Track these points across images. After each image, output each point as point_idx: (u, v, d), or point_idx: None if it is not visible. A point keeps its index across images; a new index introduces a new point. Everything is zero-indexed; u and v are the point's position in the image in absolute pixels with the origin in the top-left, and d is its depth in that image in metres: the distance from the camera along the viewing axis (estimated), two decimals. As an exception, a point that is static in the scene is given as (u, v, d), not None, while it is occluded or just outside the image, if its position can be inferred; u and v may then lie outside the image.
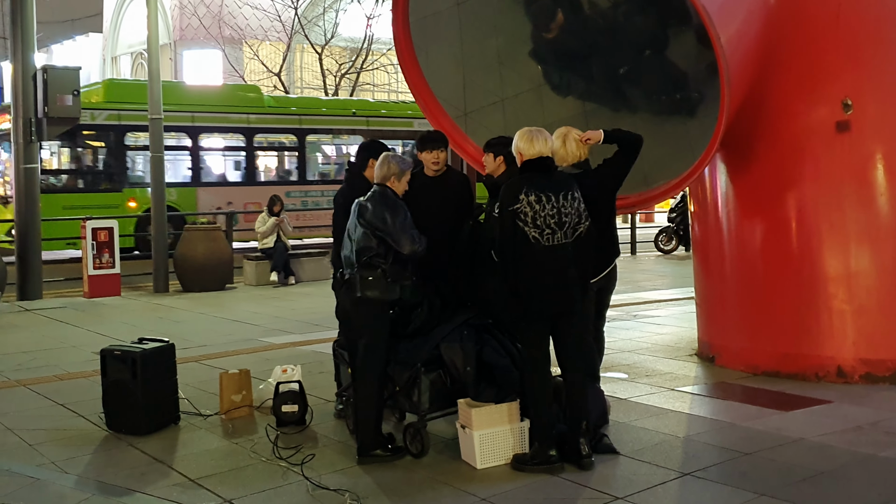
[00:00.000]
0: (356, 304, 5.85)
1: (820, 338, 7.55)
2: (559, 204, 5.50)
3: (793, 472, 5.40)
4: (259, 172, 23.81)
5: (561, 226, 5.49)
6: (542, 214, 5.46)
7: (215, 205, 21.38)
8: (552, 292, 5.51)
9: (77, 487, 5.42)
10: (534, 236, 5.46)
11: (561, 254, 5.50)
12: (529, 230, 5.46)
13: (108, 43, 39.07)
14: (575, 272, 5.58)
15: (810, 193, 7.62)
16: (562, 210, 5.50)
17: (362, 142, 6.94)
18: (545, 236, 5.46)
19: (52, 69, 13.91)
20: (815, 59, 7.57)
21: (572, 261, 5.55)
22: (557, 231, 5.49)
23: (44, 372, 8.60)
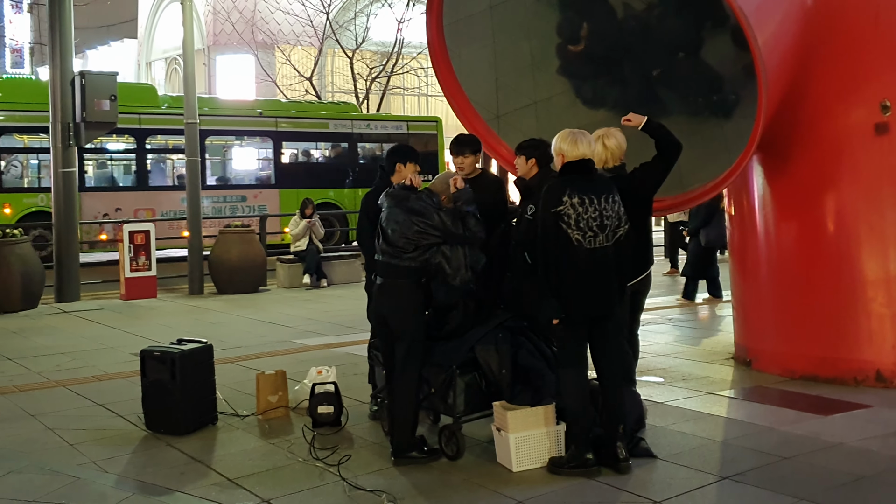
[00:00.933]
0: (394, 306, 5.87)
1: (858, 342, 7.48)
2: (601, 206, 5.48)
3: (832, 476, 5.35)
4: (152, 176, 22.50)
5: (602, 228, 5.48)
6: (585, 217, 5.44)
7: (101, 211, 20.58)
8: (593, 295, 5.50)
9: (117, 487, 5.47)
10: (577, 238, 5.44)
11: (602, 257, 5.49)
12: (573, 232, 5.44)
13: (143, 48, 39.43)
14: (615, 276, 5.56)
15: (848, 196, 7.55)
16: (603, 213, 5.49)
17: (392, 146, 6.94)
18: (587, 239, 5.45)
19: (89, 74, 14.07)
20: (854, 61, 7.50)
21: (612, 264, 5.54)
22: (599, 234, 5.47)
23: (83, 373, 8.69)
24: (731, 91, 7.86)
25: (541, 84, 8.74)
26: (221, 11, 30.95)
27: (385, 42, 23.22)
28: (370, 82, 21.95)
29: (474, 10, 8.65)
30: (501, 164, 8.86)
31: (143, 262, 14.21)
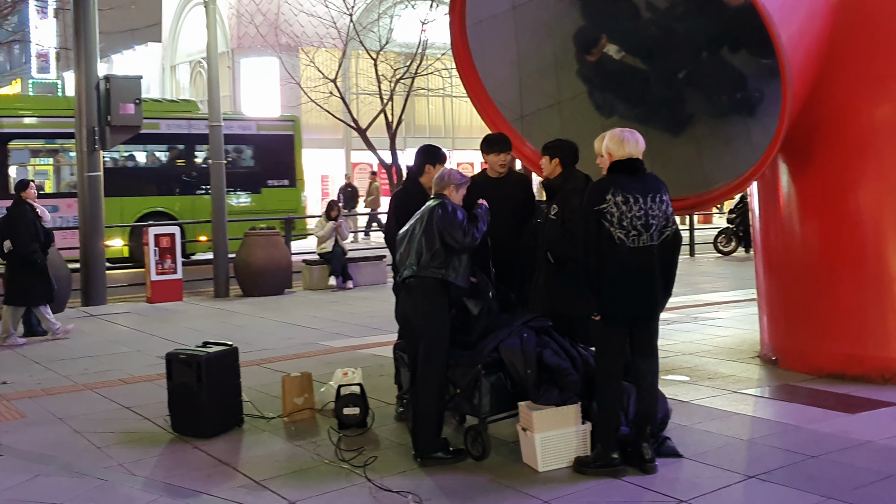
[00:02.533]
0: (417, 306, 5.90)
1: (886, 339, 7.42)
2: (647, 206, 5.46)
3: (861, 475, 5.31)
4: None
5: (647, 228, 5.46)
6: (629, 216, 5.43)
7: None
8: (634, 294, 5.49)
9: (145, 489, 5.52)
10: (619, 237, 5.44)
11: (646, 256, 5.48)
12: (615, 231, 5.44)
13: (167, 52, 39.67)
14: (659, 275, 5.55)
15: (874, 192, 7.49)
16: (649, 212, 5.46)
17: (421, 146, 6.94)
18: (630, 237, 5.44)
19: (114, 78, 14.16)
20: (880, 57, 7.44)
21: (657, 263, 5.53)
22: (644, 233, 5.46)
23: (110, 376, 8.76)
24: (755, 89, 7.82)
25: (564, 84, 8.72)
26: (245, 14, 31.10)
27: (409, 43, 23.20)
28: (394, 84, 21.93)
29: (497, 10, 8.65)
30: (526, 164, 8.86)
31: (168, 266, 14.30)
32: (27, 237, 10.69)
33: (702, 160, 8.01)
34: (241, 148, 22.51)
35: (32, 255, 10.69)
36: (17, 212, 10.79)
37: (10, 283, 10.83)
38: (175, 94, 39.40)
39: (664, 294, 5.64)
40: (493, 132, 7.12)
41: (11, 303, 10.85)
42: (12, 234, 10.69)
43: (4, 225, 10.83)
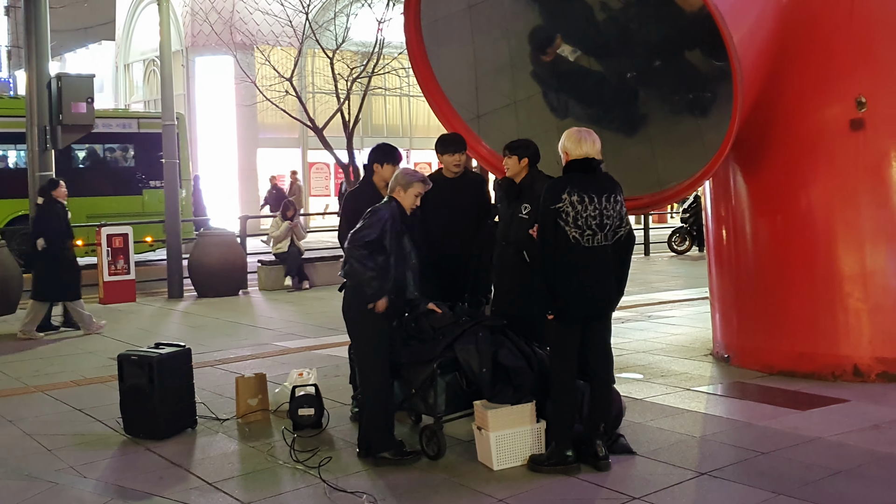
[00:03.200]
0: (344, 309, 5.99)
1: (836, 337, 7.53)
2: (601, 206, 5.50)
3: (810, 471, 5.39)
4: None
5: (602, 227, 5.49)
6: (584, 215, 5.46)
7: None
8: (588, 294, 5.52)
9: (96, 492, 5.45)
10: (574, 236, 5.46)
11: (601, 256, 5.51)
12: (570, 230, 5.46)
13: (121, 51, 39.18)
14: (613, 275, 5.58)
15: (825, 192, 7.60)
16: (604, 212, 5.50)
17: (376, 144, 6.90)
18: (585, 237, 5.47)
19: (66, 77, 13.98)
20: (829, 57, 7.55)
21: (611, 263, 5.56)
22: (598, 233, 5.49)
23: (61, 378, 8.64)
24: (707, 89, 7.90)
25: (520, 84, 8.75)
26: (200, 12, 30.80)
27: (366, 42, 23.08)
28: (351, 83, 21.84)
29: (453, 9, 8.66)
30: (482, 163, 8.87)
31: (121, 266, 14.13)
32: (59, 235, 11.10)
33: (655, 160, 8.08)
34: (120, 147, 21.23)
35: (64, 252, 11.15)
36: (50, 210, 11.15)
37: (42, 280, 11.14)
38: (129, 92, 39.01)
39: (617, 294, 5.68)
40: (448, 132, 7.12)
41: (43, 299, 11.17)
42: (45, 231, 11.03)
43: (37, 223, 11.21)
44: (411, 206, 5.88)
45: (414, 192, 5.87)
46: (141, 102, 37.96)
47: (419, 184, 5.88)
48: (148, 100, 36.68)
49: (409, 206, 5.87)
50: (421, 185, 5.89)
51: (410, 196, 5.87)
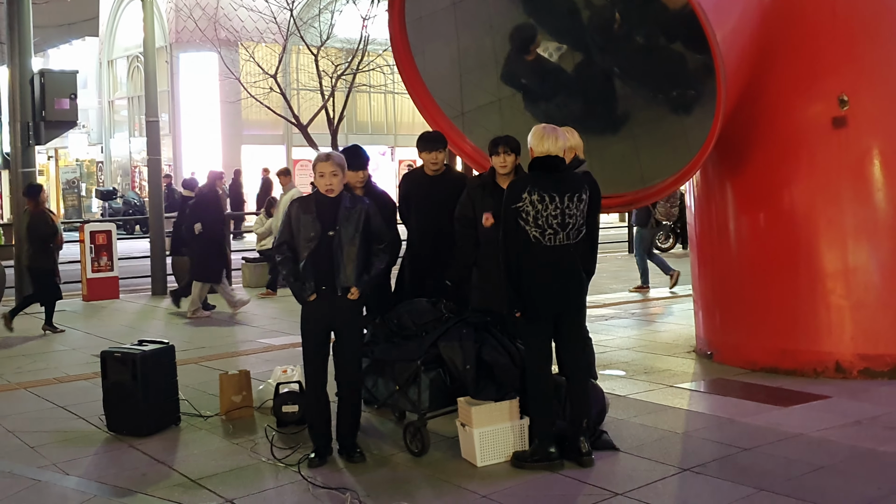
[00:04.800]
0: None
1: (818, 333, 7.57)
2: (563, 205, 5.48)
3: (792, 467, 5.42)
4: None
5: (564, 227, 5.49)
6: (545, 214, 5.45)
7: None
8: (552, 292, 5.52)
9: (79, 489, 5.43)
10: (534, 236, 5.46)
11: (562, 254, 5.51)
12: (530, 229, 5.46)
13: (105, 47, 38.99)
14: (576, 273, 5.59)
15: (807, 190, 7.64)
16: (566, 211, 5.48)
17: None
18: (546, 236, 5.46)
19: (49, 73, 13.93)
20: (811, 56, 7.59)
21: (575, 261, 5.56)
22: (560, 232, 5.48)
23: (44, 375, 8.61)
24: (691, 87, 7.92)
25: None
26: (184, 8, 30.68)
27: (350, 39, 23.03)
28: (336, 80, 21.79)
29: (437, 6, 8.66)
30: (466, 161, 8.88)
31: (104, 263, 14.08)
32: (216, 221, 12.12)
33: (639, 157, 8.10)
34: None
35: (220, 237, 12.25)
36: (210, 197, 12.18)
37: (200, 263, 12.05)
38: (112, 89, 38.82)
39: (582, 291, 5.68)
40: (429, 130, 7.10)
41: (204, 280, 12.08)
42: (204, 217, 11.94)
43: (197, 209, 12.16)
44: (323, 186, 5.72)
45: (318, 172, 5.74)
46: (125, 99, 37.81)
47: (317, 163, 5.75)
48: (132, 96, 36.53)
49: (323, 188, 5.72)
50: (319, 163, 5.73)
51: (317, 178, 5.76)
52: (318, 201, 5.74)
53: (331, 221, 5.68)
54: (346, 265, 5.67)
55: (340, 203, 5.73)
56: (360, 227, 5.72)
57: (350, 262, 5.68)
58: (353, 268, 5.68)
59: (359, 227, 5.71)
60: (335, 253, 5.65)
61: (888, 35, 7.64)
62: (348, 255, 5.67)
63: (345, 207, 5.71)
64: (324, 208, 5.71)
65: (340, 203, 5.73)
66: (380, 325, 6.23)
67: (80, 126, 28.74)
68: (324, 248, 5.65)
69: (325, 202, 5.73)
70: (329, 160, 5.70)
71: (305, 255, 5.68)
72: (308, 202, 5.78)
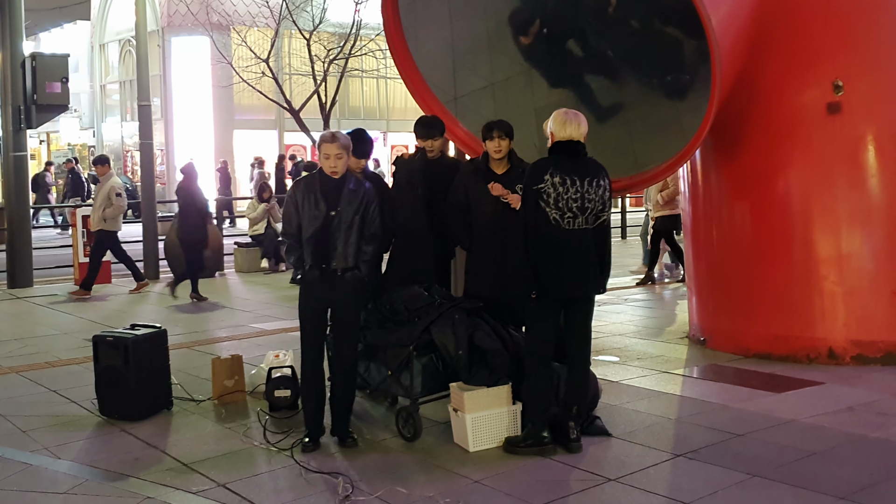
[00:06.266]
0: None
1: (811, 320, 7.57)
2: (583, 189, 5.49)
3: (785, 452, 5.42)
4: None
5: (583, 211, 5.49)
6: (565, 197, 5.45)
7: None
8: (567, 277, 5.51)
9: (70, 473, 5.41)
10: (554, 218, 5.46)
11: (581, 239, 5.50)
12: (550, 211, 5.45)
13: (96, 30, 38.80)
14: (594, 259, 5.58)
15: (801, 175, 7.63)
16: (585, 195, 5.49)
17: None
18: (566, 219, 5.46)
19: (40, 57, 13.87)
20: (806, 41, 7.56)
21: (591, 247, 5.55)
22: (579, 216, 5.48)
23: (36, 359, 8.58)
24: (686, 72, 7.90)
25: (498, 65, 8.72)
26: (176, -8, 30.59)
27: (343, 23, 22.95)
28: (328, 64, 21.71)
29: (431, -10, 8.61)
30: (459, 146, 8.84)
31: (97, 247, 13.99)
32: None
33: (633, 143, 8.08)
34: None
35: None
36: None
37: None
38: (104, 73, 38.65)
39: (599, 278, 5.67)
40: (426, 115, 7.05)
41: None
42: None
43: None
44: (328, 168, 5.71)
45: (322, 153, 5.73)
46: (116, 83, 37.65)
47: (322, 144, 5.73)
48: (124, 80, 36.37)
49: (328, 169, 5.72)
50: (324, 144, 5.71)
51: (321, 159, 5.76)
52: (322, 181, 5.75)
53: (333, 202, 5.68)
54: (345, 246, 5.68)
55: (344, 184, 5.73)
56: (361, 210, 5.73)
57: (349, 244, 5.69)
58: (352, 250, 5.71)
59: (359, 210, 5.72)
60: (333, 234, 5.66)
61: (883, 20, 7.62)
62: (346, 238, 5.68)
63: (349, 189, 5.72)
64: (328, 189, 5.71)
65: (344, 184, 5.73)
66: (372, 311, 6.21)
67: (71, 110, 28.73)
68: (325, 227, 5.67)
69: (329, 183, 5.73)
70: (335, 142, 5.69)
71: (310, 233, 5.69)
72: (312, 183, 5.78)
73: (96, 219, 12.67)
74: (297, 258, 5.81)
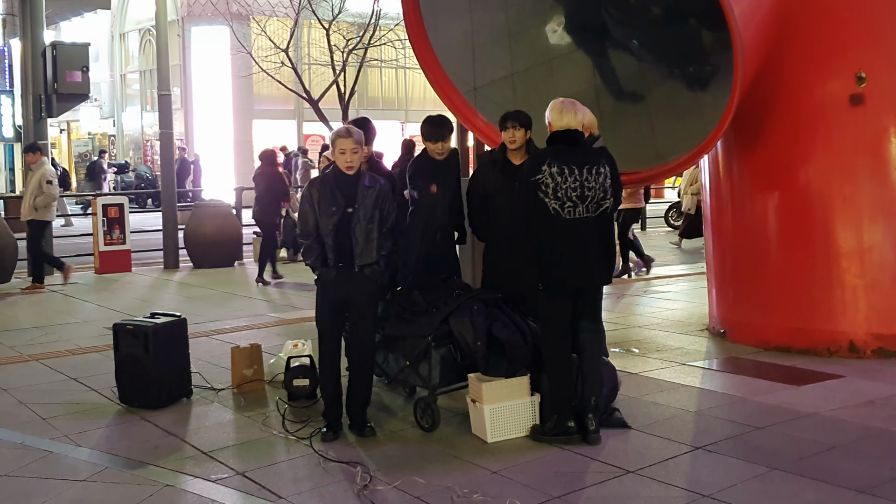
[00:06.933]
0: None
1: (832, 312, 7.52)
2: (583, 177, 5.46)
3: (805, 446, 5.39)
4: None
5: (583, 199, 5.46)
6: (564, 187, 5.43)
7: None
8: (572, 266, 5.50)
9: (90, 460, 5.44)
10: (554, 208, 5.44)
11: (582, 228, 5.48)
12: (549, 202, 5.44)
13: (117, 20, 38.93)
14: (597, 248, 5.56)
15: (823, 167, 7.57)
16: (585, 184, 5.46)
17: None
18: (566, 209, 5.44)
19: (61, 46, 13.93)
20: (829, 32, 7.50)
21: (595, 236, 5.53)
22: (579, 204, 5.46)
23: (56, 347, 8.63)
24: (707, 62, 7.85)
25: (517, 56, 8.70)
26: (196, -18, 30.63)
27: (362, 13, 22.95)
28: (347, 54, 21.72)
29: (451, -20, 8.58)
30: (478, 136, 8.83)
31: (117, 236, 14.10)
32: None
33: (654, 134, 8.05)
34: None
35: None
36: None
37: None
38: (124, 62, 38.77)
39: (604, 267, 5.65)
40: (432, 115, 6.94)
41: None
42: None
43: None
44: (344, 163, 5.68)
45: (337, 149, 5.71)
46: (136, 72, 37.76)
47: (338, 139, 5.71)
48: (143, 70, 36.47)
49: (343, 164, 5.69)
50: (339, 139, 5.69)
51: (336, 154, 5.73)
52: (337, 177, 5.73)
53: (350, 199, 5.67)
54: (367, 242, 5.68)
55: (360, 181, 5.72)
56: (379, 205, 5.72)
57: (370, 239, 5.69)
58: (374, 245, 5.70)
59: (378, 205, 5.71)
60: (353, 230, 5.65)
61: (908, 11, 7.54)
62: (368, 233, 5.68)
63: (364, 186, 5.71)
64: (343, 185, 5.70)
65: (360, 181, 5.72)
66: (391, 302, 6.21)
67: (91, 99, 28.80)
68: (343, 224, 5.65)
69: (344, 179, 5.71)
70: (350, 136, 5.68)
71: (329, 230, 5.68)
72: (327, 180, 5.76)
73: (27, 208, 12.32)
74: (315, 258, 5.78)
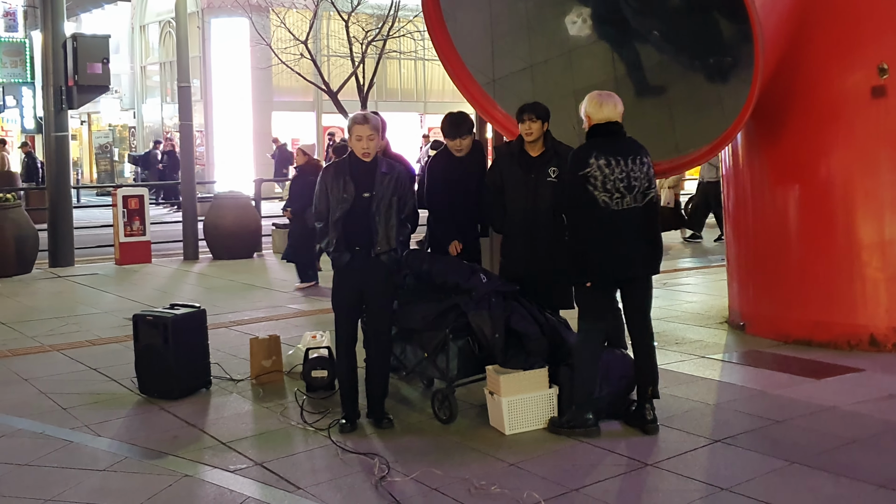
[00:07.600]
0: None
1: (853, 306, 7.47)
2: (628, 168, 5.47)
3: (825, 440, 5.37)
4: None
5: (630, 189, 5.47)
6: (612, 178, 5.43)
7: None
8: (620, 257, 5.50)
9: (110, 450, 5.48)
10: (603, 200, 5.44)
11: (630, 218, 5.49)
12: (599, 194, 5.43)
13: (137, 11, 39.04)
14: (644, 237, 5.55)
15: (844, 160, 7.51)
16: (631, 174, 5.47)
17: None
18: (615, 200, 5.44)
19: (81, 37, 13.96)
20: (851, 23, 7.44)
21: (641, 225, 5.53)
22: (627, 195, 5.47)
23: (77, 337, 8.68)
24: (727, 54, 7.80)
25: (536, 47, 8.66)
26: (215, -26, 30.67)
27: (381, 5, 22.93)
28: (366, 46, 21.71)
29: (470, -29, 8.56)
30: (497, 128, 8.80)
31: (137, 227, 14.16)
32: None
33: (674, 126, 8.00)
34: None
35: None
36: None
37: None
38: (144, 54, 38.89)
39: (652, 256, 5.64)
40: (454, 112, 6.95)
41: None
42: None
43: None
44: (360, 150, 5.69)
45: (354, 135, 5.71)
46: (157, 64, 37.87)
47: (354, 126, 5.71)
48: (164, 62, 36.57)
49: (359, 150, 5.70)
50: (356, 125, 5.69)
51: (353, 141, 5.73)
52: (353, 164, 5.73)
53: (366, 185, 5.67)
54: (386, 229, 5.68)
55: (377, 168, 5.72)
56: (398, 192, 5.73)
57: (389, 226, 5.69)
58: (393, 232, 5.71)
59: (396, 192, 5.72)
60: (372, 218, 5.65)
61: (931, 2, 7.47)
62: (386, 220, 5.68)
63: (381, 173, 5.71)
64: (359, 171, 5.70)
65: (377, 168, 5.72)
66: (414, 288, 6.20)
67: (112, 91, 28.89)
68: (358, 210, 5.65)
69: (360, 165, 5.71)
70: (366, 123, 5.68)
71: (337, 216, 5.67)
72: (342, 166, 5.76)
73: None
74: (327, 242, 5.80)
